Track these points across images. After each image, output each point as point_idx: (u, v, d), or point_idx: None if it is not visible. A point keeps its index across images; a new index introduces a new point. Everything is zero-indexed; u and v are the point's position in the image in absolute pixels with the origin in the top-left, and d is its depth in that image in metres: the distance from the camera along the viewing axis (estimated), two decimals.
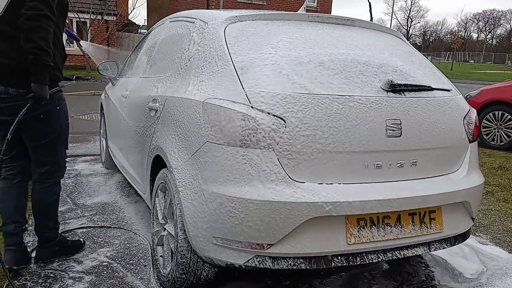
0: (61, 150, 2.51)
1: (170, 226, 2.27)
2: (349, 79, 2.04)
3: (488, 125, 6.91)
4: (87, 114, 8.06)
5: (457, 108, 2.29)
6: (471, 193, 2.23)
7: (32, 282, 2.30)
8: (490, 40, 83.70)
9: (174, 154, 2.12)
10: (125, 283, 2.35)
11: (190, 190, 1.97)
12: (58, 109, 2.40)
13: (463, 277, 2.61)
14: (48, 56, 2.11)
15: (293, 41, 2.16)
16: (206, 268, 2.14)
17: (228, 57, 2.05)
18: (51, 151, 2.43)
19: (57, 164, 2.48)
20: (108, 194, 3.80)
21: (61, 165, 2.54)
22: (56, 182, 2.52)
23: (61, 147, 2.50)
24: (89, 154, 5.24)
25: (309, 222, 1.83)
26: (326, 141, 1.89)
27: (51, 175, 2.47)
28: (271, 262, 1.89)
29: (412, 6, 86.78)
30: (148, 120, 2.61)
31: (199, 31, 2.40)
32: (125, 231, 3.03)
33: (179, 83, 2.32)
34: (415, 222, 2.06)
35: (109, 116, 4.15)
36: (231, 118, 1.85)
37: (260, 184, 1.83)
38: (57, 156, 2.48)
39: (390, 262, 2.72)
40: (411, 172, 2.10)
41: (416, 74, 2.30)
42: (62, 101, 2.45)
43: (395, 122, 2.02)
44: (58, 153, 2.48)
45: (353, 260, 1.96)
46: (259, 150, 1.83)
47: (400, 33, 2.75)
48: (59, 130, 2.43)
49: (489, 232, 3.34)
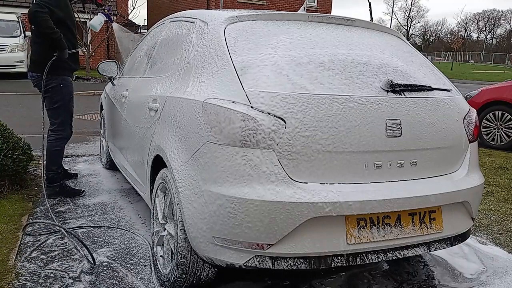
0: (65, 116, 3.57)
1: (170, 226, 2.27)
2: (349, 79, 2.04)
3: (488, 125, 6.91)
4: (87, 114, 8.05)
5: (457, 108, 2.29)
6: (471, 193, 2.23)
7: (32, 282, 2.30)
8: (490, 40, 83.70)
9: (174, 155, 2.12)
10: (125, 283, 2.35)
11: (190, 191, 1.97)
12: (61, 87, 3.49)
13: (463, 277, 2.61)
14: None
15: (293, 41, 2.16)
16: (206, 268, 2.14)
17: (228, 57, 2.05)
18: (56, 115, 3.54)
19: (61, 125, 3.56)
20: (108, 194, 3.80)
21: (65, 127, 3.59)
22: (59, 137, 3.57)
23: (65, 115, 3.57)
24: (89, 154, 5.24)
25: (309, 222, 1.84)
26: (326, 142, 1.89)
27: (56, 132, 3.56)
28: (271, 262, 1.89)
29: (412, 6, 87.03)
30: (148, 120, 2.61)
31: (199, 31, 2.40)
32: (125, 231, 3.03)
33: (179, 83, 2.32)
34: (415, 222, 2.06)
35: (109, 116, 4.15)
36: (231, 119, 1.85)
37: (260, 184, 1.82)
38: (60, 120, 3.55)
39: (390, 262, 2.72)
40: (411, 172, 2.10)
41: (416, 74, 2.30)
42: (67, 83, 3.54)
43: (395, 122, 2.02)
44: (61, 118, 3.54)
45: (353, 260, 1.96)
46: (259, 150, 1.83)
47: (400, 33, 2.75)
48: (61, 102, 3.51)
49: (489, 232, 3.34)
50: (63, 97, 3.52)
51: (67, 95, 3.55)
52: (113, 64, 3.99)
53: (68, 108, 3.60)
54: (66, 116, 3.58)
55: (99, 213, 3.35)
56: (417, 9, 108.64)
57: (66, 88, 3.54)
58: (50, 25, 3.23)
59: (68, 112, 3.60)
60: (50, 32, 3.25)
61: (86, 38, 15.99)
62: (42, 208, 3.36)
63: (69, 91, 3.58)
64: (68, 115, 3.61)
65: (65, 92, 3.53)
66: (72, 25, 3.58)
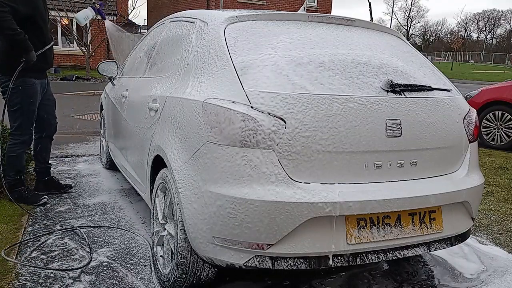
0: (23, 120, 3.30)
1: (170, 226, 2.27)
2: (349, 79, 2.04)
3: (488, 125, 6.91)
4: (87, 114, 8.06)
5: (457, 108, 2.29)
6: (471, 193, 2.23)
7: (32, 282, 2.30)
8: (490, 40, 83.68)
9: (174, 155, 2.12)
10: (125, 283, 2.35)
11: (190, 191, 1.97)
12: (19, 89, 3.23)
13: (463, 277, 2.61)
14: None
15: (293, 41, 2.16)
16: (206, 268, 2.14)
17: (228, 58, 2.05)
18: (13, 119, 3.30)
19: (18, 129, 3.32)
20: (108, 194, 3.80)
21: (22, 132, 3.33)
22: (16, 142, 3.33)
23: (23, 119, 3.29)
24: (89, 154, 5.24)
25: (309, 222, 1.83)
26: (326, 142, 1.89)
27: (13, 136, 3.35)
28: (271, 262, 1.89)
29: (412, 6, 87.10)
30: (148, 120, 2.61)
31: (199, 32, 2.40)
32: (125, 231, 3.03)
33: (179, 83, 2.32)
34: (415, 222, 2.06)
35: (109, 116, 4.15)
36: (231, 119, 1.85)
37: (260, 185, 1.82)
38: (18, 123, 3.30)
39: (390, 262, 2.72)
40: (411, 172, 2.10)
41: (416, 74, 2.30)
42: (28, 85, 3.26)
43: (395, 122, 2.02)
44: (18, 121, 3.29)
45: (353, 260, 1.96)
46: (259, 151, 1.83)
47: (400, 33, 2.75)
48: (19, 105, 3.26)
49: (489, 232, 3.34)
50: (22, 100, 3.25)
51: (27, 98, 3.27)
52: (113, 64, 3.99)
53: (28, 112, 3.31)
54: (24, 120, 3.31)
55: (99, 213, 3.35)
56: (417, 9, 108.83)
57: (26, 91, 3.26)
58: (11, 26, 2.98)
59: (27, 116, 3.31)
60: (12, 34, 3.00)
61: (86, 38, 15.98)
62: (42, 208, 3.37)
63: (30, 93, 3.29)
64: (27, 119, 3.32)
65: (24, 94, 3.25)
66: (41, 20, 3.29)
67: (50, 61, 3.49)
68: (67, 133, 6.31)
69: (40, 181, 3.70)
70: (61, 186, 3.79)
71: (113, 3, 18.05)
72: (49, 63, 3.48)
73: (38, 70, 3.34)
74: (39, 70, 3.36)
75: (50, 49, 3.43)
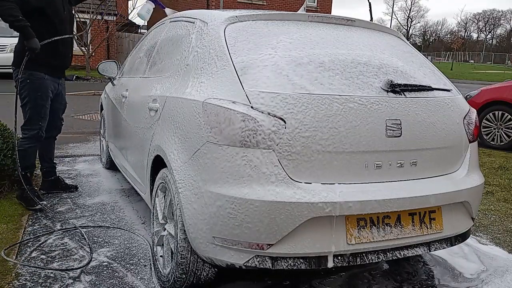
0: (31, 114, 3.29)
1: (170, 226, 2.27)
2: (349, 79, 2.04)
3: (488, 125, 6.91)
4: (87, 114, 8.05)
5: (457, 108, 2.29)
6: (471, 193, 2.23)
7: (32, 282, 2.30)
8: (490, 40, 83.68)
9: (174, 155, 2.12)
10: (125, 283, 2.35)
11: (190, 191, 1.97)
12: (28, 82, 3.25)
13: (463, 277, 2.61)
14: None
15: (293, 41, 2.16)
16: (206, 268, 2.14)
17: (228, 58, 2.05)
18: (23, 112, 3.31)
19: (27, 124, 3.32)
20: (108, 194, 3.80)
21: (31, 126, 3.32)
22: (25, 137, 3.33)
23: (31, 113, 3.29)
24: (89, 154, 5.24)
25: (309, 222, 1.83)
26: (326, 142, 1.89)
27: (23, 130, 3.35)
28: (271, 262, 1.89)
29: (412, 6, 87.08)
30: (148, 120, 2.61)
31: (199, 32, 2.40)
32: (125, 231, 3.03)
33: (179, 83, 2.32)
34: (415, 222, 2.06)
35: (109, 116, 4.15)
36: (231, 119, 1.85)
37: (260, 185, 1.82)
38: (27, 117, 3.31)
39: (390, 262, 2.72)
40: (411, 172, 2.10)
41: (416, 74, 2.30)
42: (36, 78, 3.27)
43: (395, 122, 2.02)
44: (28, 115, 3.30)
45: (353, 260, 1.96)
46: (259, 151, 1.83)
47: (400, 33, 2.75)
48: (28, 98, 3.28)
49: (489, 232, 3.34)
50: (29, 93, 3.26)
51: (34, 91, 3.26)
52: (113, 64, 3.99)
53: (36, 105, 3.30)
54: (32, 113, 3.29)
55: (99, 213, 3.35)
56: (417, 9, 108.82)
57: (33, 84, 3.26)
58: (13, 13, 3.01)
59: (35, 110, 3.30)
60: (12, 20, 3.02)
61: (86, 38, 15.99)
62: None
63: (37, 87, 3.28)
64: (35, 112, 3.30)
65: (31, 88, 3.25)
66: (54, 15, 3.27)
67: (62, 58, 3.42)
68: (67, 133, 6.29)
69: (46, 181, 3.73)
70: (67, 186, 3.81)
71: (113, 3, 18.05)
72: (60, 60, 3.41)
73: (47, 65, 3.32)
74: (49, 65, 3.33)
75: (65, 47, 3.40)
